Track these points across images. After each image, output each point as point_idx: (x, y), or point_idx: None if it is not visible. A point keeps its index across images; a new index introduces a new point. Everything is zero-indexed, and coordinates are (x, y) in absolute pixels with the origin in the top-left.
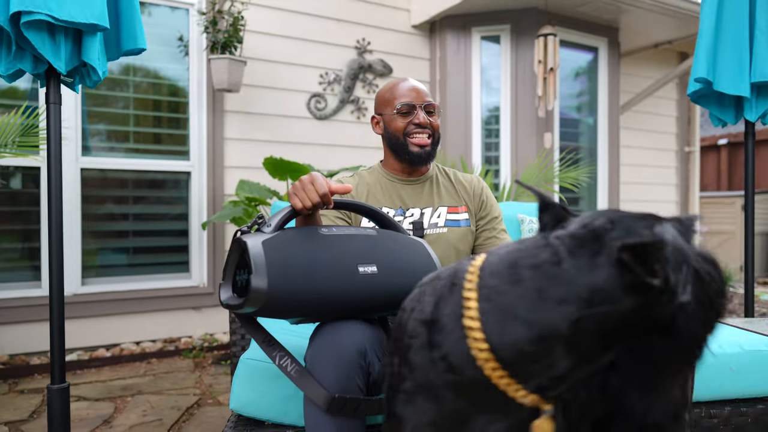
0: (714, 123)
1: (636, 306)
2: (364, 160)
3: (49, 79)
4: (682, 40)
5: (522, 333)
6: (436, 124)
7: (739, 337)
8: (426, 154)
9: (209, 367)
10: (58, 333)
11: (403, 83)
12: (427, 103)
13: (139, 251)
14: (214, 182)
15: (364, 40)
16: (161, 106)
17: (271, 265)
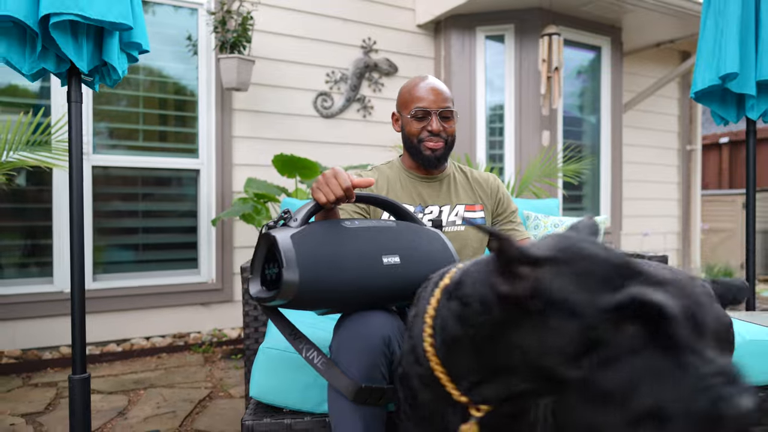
0: (716, 121)
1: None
2: (370, 158)
3: (71, 79)
4: (684, 39)
5: (443, 335)
6: (451, 130)
7: (741, 327)
8: (436, 158)
9: (219, 361)
10: (80, 324)
11: (422, 85)
12: (443, 109)
13: (149, 248)
14: (222, 180)
15: (370, 40)
16: (170, 105)
17: (301, 258)
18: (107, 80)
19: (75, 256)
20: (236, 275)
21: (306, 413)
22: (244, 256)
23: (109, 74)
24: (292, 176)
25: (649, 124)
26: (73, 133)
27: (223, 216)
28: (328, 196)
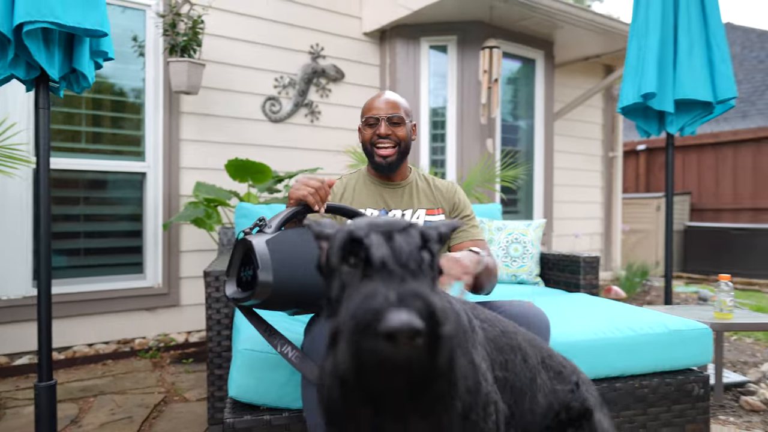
0: (641, 134)
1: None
2: (319, 162)
3: (39, 85)
4: (609, 54)
5: None
6: (401, 134)
7: (663, 319)
8: (388, 164)
9: (168, 366)
10: (46, 331)
11: (375, 97)
12: (390, 115)
13: (92, 252)
14: (169, 183)
15: (318, 46)
16: (114, 107)
17: (275, 261)
18: (75, 87)
19: (42, 261)
20: (183, 279)
21: (284, 409)
22: (191, 261)
23: (77, 81)
24: (244, 180)
25: (576, 132)
26: (41, 140)
27: (176, 220)
28: (309, 190)
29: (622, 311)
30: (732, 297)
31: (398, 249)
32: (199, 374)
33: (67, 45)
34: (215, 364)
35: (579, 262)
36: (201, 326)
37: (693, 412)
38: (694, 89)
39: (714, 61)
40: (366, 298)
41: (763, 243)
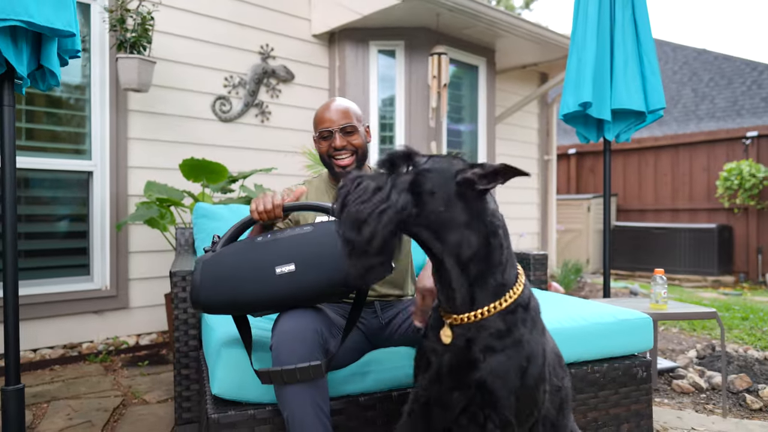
0: (581, 140)
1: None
2: (269, 162)
3: (4, 82)
4: (545, 63)
5: None
6: (357, 143)
7: (611, 310)
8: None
9: (121, 370)
10: (14, 333)
11: (323, 108)
12: (343, 125)
13: (34, 254)
14: (117, 183)
15: (268, 46)
16: (54, 103)
17: (204, 282)
18: (41, 84)
19: (8, 263)
20: (132, 281)
21: (267, 404)
22: (140, 262)
23: (43, 78)
24: (198, 180)
25: (514, 136)
26: (6, 138)
27: (130, 220)
28: (258, 208)
29: (573, 304)
30: (666, 289)
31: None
32: (155, 376)
33: (34, 42)
34: (182, 363)
35: (529, 260)
36: (151, 328)
37: (637, 394)
38: (629, 99)
39: (645, 74)
40: None
41: (682, 241)
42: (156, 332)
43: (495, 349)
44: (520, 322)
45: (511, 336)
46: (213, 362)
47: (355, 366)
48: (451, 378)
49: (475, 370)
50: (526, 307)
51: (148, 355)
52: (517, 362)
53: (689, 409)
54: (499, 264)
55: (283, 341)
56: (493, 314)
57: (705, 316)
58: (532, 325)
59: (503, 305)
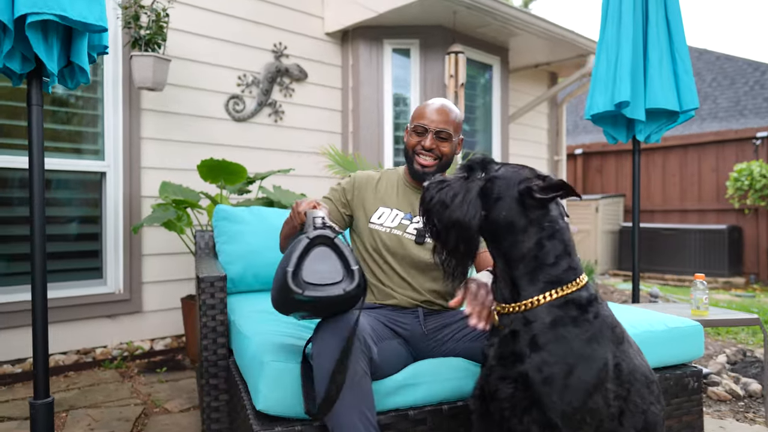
0: (609, 140)
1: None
2: (283, 163)
3: (32, 80)
4: (557, 62)
5: None
6: (445, 150)
7: (661, 317)
8: (424, 174)
9: (138, 376)
10: (42, 342)
11: (429, 104)
12: (440, 129)
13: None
14: (131, 183)
15: (281, 44)
16: (66, 102)
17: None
18: (69, 82)
19: (36, 266)
20: (146, 284)
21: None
22: (153, 265)
23: (72, 76)
24: (216, 181)
25: (526, 136)
26: (35, 139)
27: (147, 223)
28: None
29: (618, 310)
30: (707, 295)
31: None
32: (174, 383)
33: (64, 37)
34: (210, 373)
35: None
36: (165, 333)
37: (689, 405)
38: (664, 99)
39: (679, 73)
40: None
41: (691, 242)
42: (170, 336)
43: (539, 343)
44: (569, 320)
45: (555, 331)
46: (254, 375)
47: (402, 377)
48: (499, 368)
49: (519, 362)
50: (580, 307)
51: (164, 360)
52: (561, 360)
53: (730, 418)
54: (552, 264)
55: (323, 351)
56: (538, 306)
57: (749, 323)
58: (587, 328)
59: (549, 298)
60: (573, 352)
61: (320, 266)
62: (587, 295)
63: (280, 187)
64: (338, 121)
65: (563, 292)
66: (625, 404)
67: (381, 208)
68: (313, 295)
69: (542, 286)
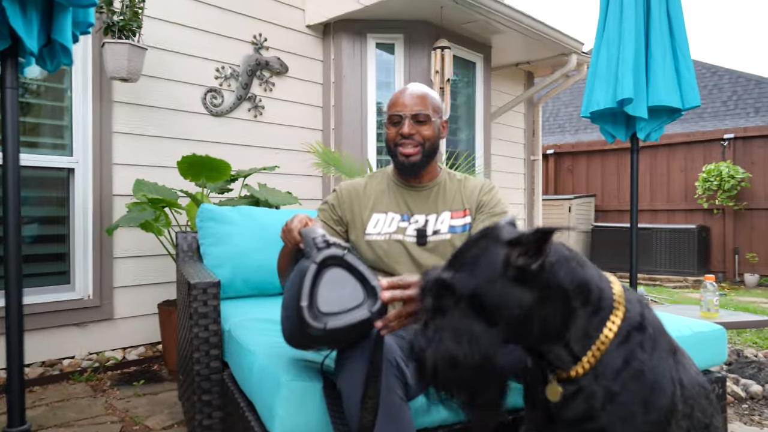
0: (607, 139)
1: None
2: (262, 161)
3: (6, 60)
4: (538, 61)
5: None
6: (427, 134)
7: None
8: (410, 164)
9: (112, 389)
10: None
11: (400, 91)
12: (415, 112)
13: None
14: (101, 181)
15: (261, 36)
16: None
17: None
18: (48, 64)
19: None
20: (118, 289)
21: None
22: (126, 268)
23: (52, 56)
24: (197, 179)
25: (504, 136)
26: (9, 128)
27: (123, 224)
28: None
29: None
30: (717, 297)
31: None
32: (152, 397)
33: (45, 12)
34: (202, 388)
35: None
36: (139, 341)
37: None
38: (667, 96)
39: (681, 70)
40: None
41: (661, 242)
42: (144, 345)
43: (612, 391)
44: (638, 347)
45: (629, 368)
46: (267, 396)
47: None
48: (565, 427)
49: (591, 420)
50: (640, 328)
51: (139, 371)
52: (640, 397)
53: (736, 421)
54: (586, 307)
55: (353, 382)
56: (603, 354)
57: (760, 325)
58: (652, 347)
59: (606, 342)
60: (648, 381)
61: (337, 292)
62: (637, 308)
63: (266, 185)
64: (319, 117)
65: (615, 326)
66: (690, 422)
67: (375, 215)
68: (337, 326)
69: (590, 333)
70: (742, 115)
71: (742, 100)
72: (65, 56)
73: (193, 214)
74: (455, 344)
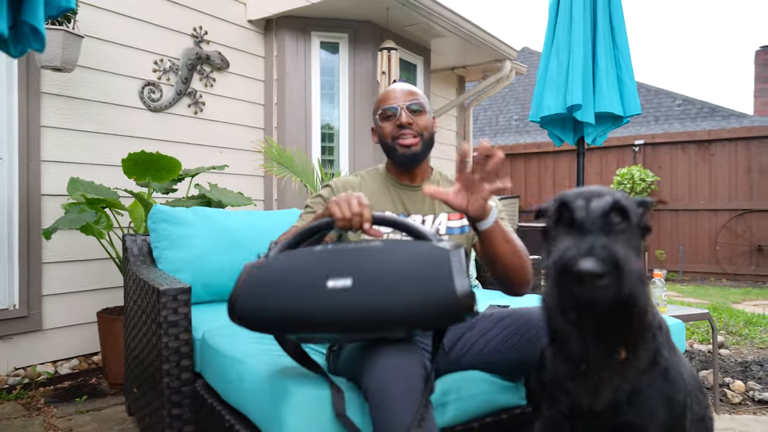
0: (556, 142)
1: None
2: (202, 159)
3: None
4: (473, 66)
5: None
6: (423, 124)
7: None
8: (412, 154)
9: (47, 407)
10: None
11: (390, 89)
12: (410, 103)
13: None
14: (27, 179)
15: (201, 29)
16: None
17: (242, 289)
18: (12, 49)
19: None
20: (47, 297)
21: None
22: (56, 274)
23: (18, 40)
24: (143, 178)
25: (438, 138)
26: None
27: (63, 226)
28: (344, 212)
29: None
30: (666, 292)
31: (592, 211)
32: (96, 413)
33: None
34: (172, 402)
35: None
36: (71, 353)
37: None
38: (611, 103)
39: (623, 79)
40: (565, 249)
41: None
42: (78, 357)
43: (640, 388)
44: (661, 347)
45: (658, 367)
46: (272, 406)
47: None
48: (588, 420)
49: (618, 414)
50: (659, 326)
51: (75, 386)
52: (664, 393)
53: None
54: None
55: (394, 389)
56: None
57: (700, 318)
58: (669, 347)
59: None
60: (670, 379)
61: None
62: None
63: (216, 185)
64: (261, 114)
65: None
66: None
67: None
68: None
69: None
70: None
71: (644, 109)
72: (36, 40)
73: (137, 216)
74: (635, 261)
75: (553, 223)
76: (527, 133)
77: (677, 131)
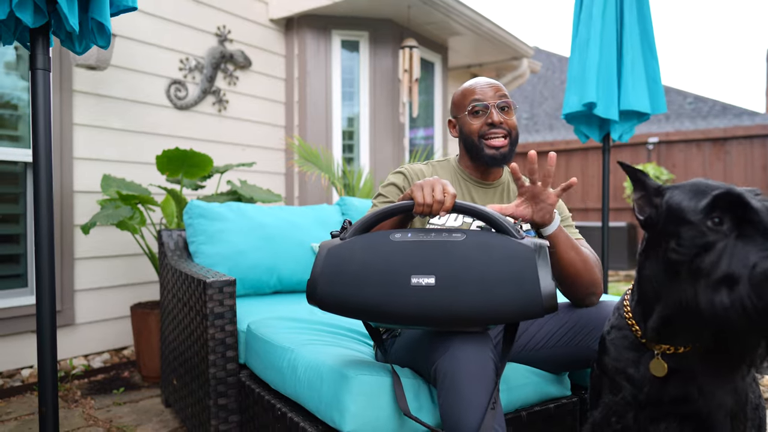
0: (581, 139)
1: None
2: (228, 156)
3: (38, 38)
4: (490, 64)
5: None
6: (512, 123)
7: None
8: (502, 156)
9: (85, 399)
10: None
11: (475, 82)
12: (501, 100)
13: None
14: (61, 176)
15: (225, 28)
16: None
17: (324, 273)
18: (77, 45)
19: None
20: (80, 293)
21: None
22: (88, 269)
23: (83, 36)
24: (175, 174)
25: None
26: (40, 115)
27: (101, 221)
28: (426, 198)
29: None
30: None
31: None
32: (133, 405)
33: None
34: (218, 392)
35: None
36: (102, 347)
37: None
38: (636, 101)
39: (650, 77)
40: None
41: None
42: (108, 351)
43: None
44: None
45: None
46: (330, 393)
47: None
48: (654, 408)
49: (687, 402)
50: None
51: (108, 379)
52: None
53: None
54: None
55: (469, 372)
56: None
57: None
58: None
59: None
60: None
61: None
62: None
63: (246, 181)
64: (282, 113)
65: None
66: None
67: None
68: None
69: None
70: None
71: None
72: (101, 37)
73: (169, 211)
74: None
75: (702, 217)
76: (536, 132)
77: (690, 129)
